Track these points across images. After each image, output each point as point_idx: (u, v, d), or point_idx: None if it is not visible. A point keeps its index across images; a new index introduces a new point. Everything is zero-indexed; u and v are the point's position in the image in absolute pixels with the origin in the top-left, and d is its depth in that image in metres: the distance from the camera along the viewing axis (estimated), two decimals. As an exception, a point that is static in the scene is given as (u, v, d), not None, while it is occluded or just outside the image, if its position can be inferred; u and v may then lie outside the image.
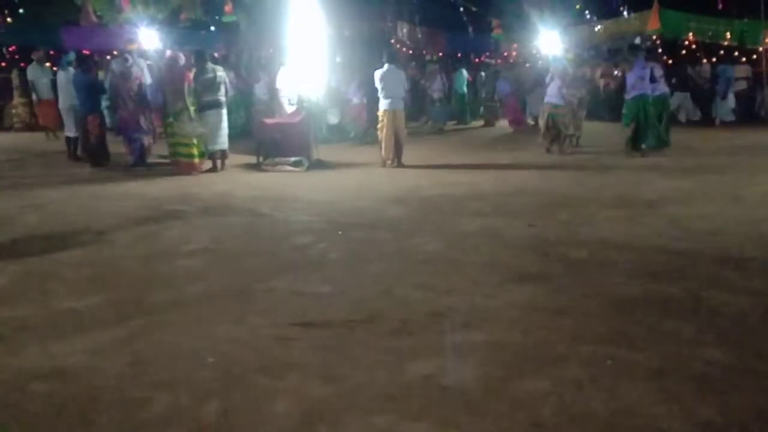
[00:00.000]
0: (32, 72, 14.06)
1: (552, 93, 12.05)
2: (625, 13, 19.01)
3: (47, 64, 14.53)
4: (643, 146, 11.39)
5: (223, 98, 10.20)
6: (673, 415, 2.95)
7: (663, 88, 11.69)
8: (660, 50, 18.96)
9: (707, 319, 4.07)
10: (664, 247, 5.73)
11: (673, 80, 11.66)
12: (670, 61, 19.63)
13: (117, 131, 11.22)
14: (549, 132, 12.09)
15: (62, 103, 11.89)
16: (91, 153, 10.98)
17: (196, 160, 10.05)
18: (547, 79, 12.31)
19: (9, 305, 4.44)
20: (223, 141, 10.25)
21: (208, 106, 10.07)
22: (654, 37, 18.22)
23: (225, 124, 10.25)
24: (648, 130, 11.33)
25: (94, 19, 15.87)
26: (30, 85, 14.21)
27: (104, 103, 14.16)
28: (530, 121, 17.39)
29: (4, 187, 9.06)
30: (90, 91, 10.82)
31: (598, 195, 8.07)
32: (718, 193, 8.10)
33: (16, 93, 17.07)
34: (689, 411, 2.99)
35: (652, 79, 11.30)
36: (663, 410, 2.99)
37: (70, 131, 11.77)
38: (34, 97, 14.43)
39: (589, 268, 5.14)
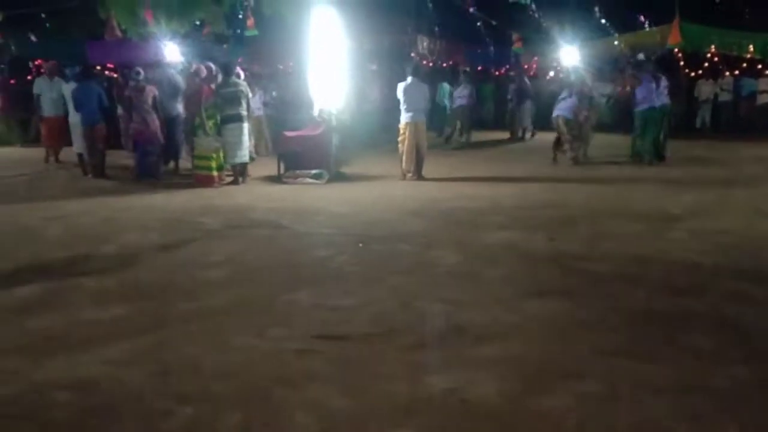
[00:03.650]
0: (38, 86, 12.90)
1: (565, 107, 12.38)
2: (646, 26, 18.88)
3: (57, 78, 12.97)
4: (647, 157, 12.00)
5: (244, 112, 10.24)
6: (695, 431, 2.92)
7: (664, 99, 12.00)
8: (682, 63, 18.89)
9: (730, 335, 4.03)
10: (687, 261, 5.69)
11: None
12: (692, 74, 19.55)
13: (132, 145, 11.16)
14: (560, 143, 12.43)
15: (72, 118, 11.45)
16: (95, 164, 11.05)
17: (215, 173, 10.12)
18: (563, 94, 12.52)
19: (34, 316, 4.49)
20: (243, 154, 10.31)
21: (229, 119, 10.13)
22: (677, 50, 18.11)
23: (246, 138, 10.31)
24: (653, 140, 11.99)
25: (118, 33, 16.05)
26: (34, 99, 12.87)
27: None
28: (527, 134, 17.47)
29: (28, 199, 9.17)
30: (98, 102, 10.90)
31: (618, 208, 8.02)
32: (740, 206, 8.04)
33: None
34: (711, 427, 2.96)
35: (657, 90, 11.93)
36: (685, 426, 2.96)
37: (80, 147, 11.40)
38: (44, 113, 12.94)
39: (611, 283, 5.11)
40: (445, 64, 21.71)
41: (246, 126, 10.31)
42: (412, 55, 19.01)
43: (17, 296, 4.92)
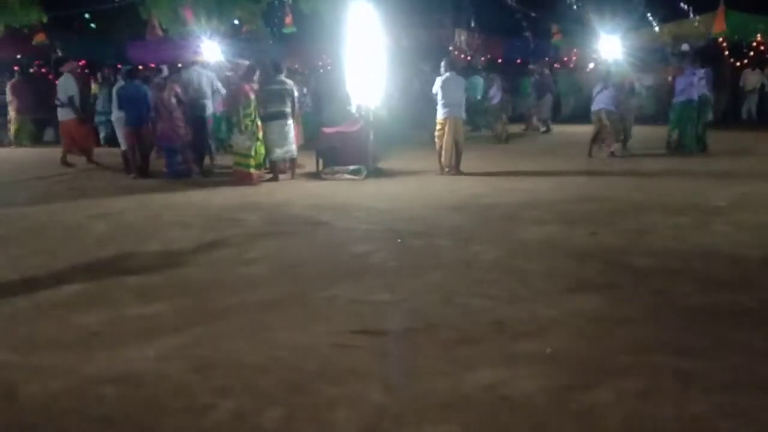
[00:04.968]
0: (72, 87, 12.35)
1: (605, 99, 12.21)
2: (691, 14, 18.47)
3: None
4: (685, 149, 12.02)
5: (287, 110, 10.27)
6: (743, 429, 2.86)
7: (702, 89, 11.93)
8: (726, 53, 18.50)
9: (780, 330, 3.93)
10: (734, 255, 5.56)
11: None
12: (738, 64, 19.12)
13: (156, 143, 11.36)
14: (598, 136, 12.30)
15: (115, 115, 11.54)
16: (138, 163, 11.19)
17: (253, 171, 10.18)
18: (598, 87, 12.42)
19: (79, 312, 4.58)
20: (287, 150, 10.35)
21: (271, 116, 10.19)
22: (720, 39, 17.71)
23: (290, 135, 10.35)
24: (690, 133, 11.96)
25: (159, 32, 16.25)
26: (69, 101, 12.33)
27: (98, 118, 14.25)
28: (542, 128, 17.40)
29: (72, 198, 9.37)
30: (145, 103, 11.05)
31: (661, 201, 7.88)
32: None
33: (11, 108, 16.70)
34: (761, 425, 2.88)
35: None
36: (733, 424, 2.89)
37: (125, 144, 11.46)
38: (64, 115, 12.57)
39: (655, 277, 5.02)
40: (483, 58, 21.56)
41: (290, 123, 10.36)
42: (450, 48, 18.90)
43: (63, 293, 5.02)
